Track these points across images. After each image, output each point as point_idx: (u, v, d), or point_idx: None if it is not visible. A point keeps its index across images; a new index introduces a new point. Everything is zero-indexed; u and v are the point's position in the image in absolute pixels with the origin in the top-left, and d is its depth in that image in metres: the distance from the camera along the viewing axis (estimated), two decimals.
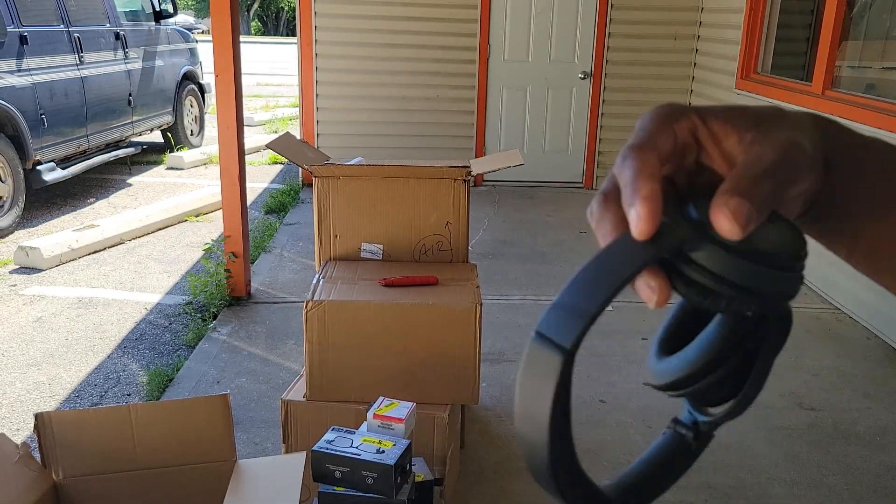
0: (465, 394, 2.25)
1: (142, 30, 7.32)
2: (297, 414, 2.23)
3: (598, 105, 6.53)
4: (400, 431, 1.78)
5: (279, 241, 5.07)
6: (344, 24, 6.22)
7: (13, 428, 2.90)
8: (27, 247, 4.59)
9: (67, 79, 5.93)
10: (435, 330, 2.17)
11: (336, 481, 1.69)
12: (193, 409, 1.67)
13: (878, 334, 3.79)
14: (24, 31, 5.46)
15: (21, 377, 3.29)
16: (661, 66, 6.43)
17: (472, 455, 2.68)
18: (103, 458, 1.65)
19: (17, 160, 5.32)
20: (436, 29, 6.29)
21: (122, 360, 3.49)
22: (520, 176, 6.66)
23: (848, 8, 4.35)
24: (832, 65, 4.37)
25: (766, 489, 2.54)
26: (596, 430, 2.86)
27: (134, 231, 5.25)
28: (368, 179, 2.45)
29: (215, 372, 3.25)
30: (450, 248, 2.50)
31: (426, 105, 6.46)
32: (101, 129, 6.49)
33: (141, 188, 6.74)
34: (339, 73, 6.33)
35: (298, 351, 3.43)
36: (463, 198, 2.45)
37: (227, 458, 1.68)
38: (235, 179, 3.84)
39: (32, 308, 4.01)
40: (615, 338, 3.64)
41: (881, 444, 2.84)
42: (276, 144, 2.61)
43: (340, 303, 2.16)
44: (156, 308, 4.07)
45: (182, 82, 8.06)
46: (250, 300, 4.03)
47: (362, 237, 2.49)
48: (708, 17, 6.18)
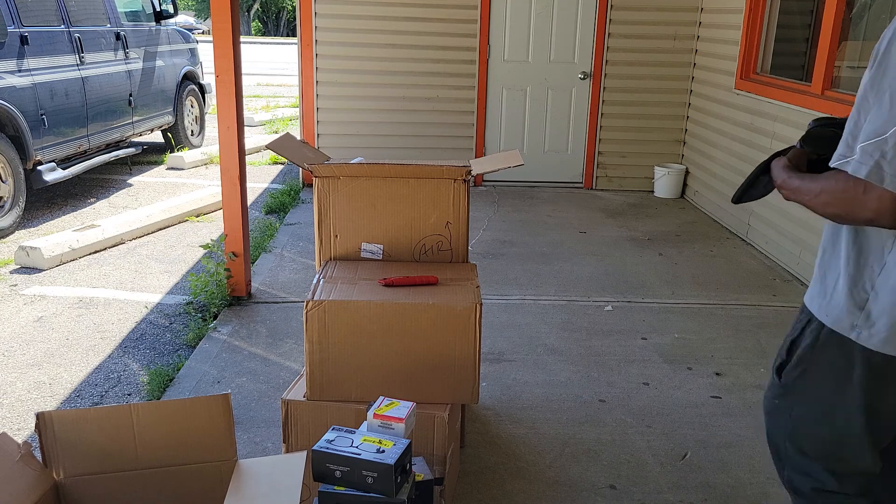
0: (465, 393, 2.25)
1: (142, 30, 7.32)
2: (297, 413, 2.24)
3: (598, 105, 6.53)
4: (400, 431, 1.79)
5: (279, 241, 5.07)
6: (344, 24, 6.22)
7: (14, 427, 2.91)
8: (28, 247, 4.60)
9: (68, 79, 5.93)
10: (435, 330, 2.18)
11: (336, 481, 1.69)
12: (194, 408, 1.68)
13: None
14: (24, 32, 5.46)
15: (22, 377, 3.29)
16: (661, 66, 6.43)
17: (472, 455, 2.68)
18: (104, 458, 1.65)
19: (17, 160, 5.32)
20: (436, 29, 6.30)
21: (122, 359, 3.49)
22: (520, 176, 6.67)
23: (847, 8, 4.36)
24: (832, 65, 4.37)
25: (765, 489, 2.55)
26: (596, 430, 2.86)
27: (134, 231, 5.25)
28: (368, 179, 2.46)
29: (216, 371, 3.25)
30: (450, 248, 2.51)
31: (426, 105, 6.46)
32: (102, 129, 6.49)
33: (141, 188, 6.74)
34: (339, 73, 6.33)
35: (299, 350, 3.43)
36: (463, 198, 2.45)
37: (227, 458, 1.69)
38: (236, 179, 3.85)
39: (33, 308, 4.02)
40: (615, 338, 3.65)
41: None
42: (276, 145, 2.62)
43: (341, 302, 2.16)
44: (156, 308, 4.07)
45: (182, 83, 8.06)
46: (251, 300, 4.03)
47: (362, 237, 2.49)
48: (708, 17, 6.19)
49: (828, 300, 1.51)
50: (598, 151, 6.65)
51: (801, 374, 1.58)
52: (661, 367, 3.39)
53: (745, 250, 5.10)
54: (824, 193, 1.40)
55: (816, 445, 1.61)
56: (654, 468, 2.63)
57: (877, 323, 1.42)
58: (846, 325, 1.46)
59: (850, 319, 1.46)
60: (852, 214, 1.37)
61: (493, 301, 4.05)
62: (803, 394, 1.59)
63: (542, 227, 5.52)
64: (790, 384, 1.61)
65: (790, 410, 1.63)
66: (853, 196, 1.34)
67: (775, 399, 1.67)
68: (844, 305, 1.46)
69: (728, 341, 3.67)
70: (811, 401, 1.58)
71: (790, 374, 1.60)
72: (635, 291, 4.23)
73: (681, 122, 6.56)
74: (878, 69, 1.32)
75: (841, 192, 1.36)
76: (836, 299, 1.48)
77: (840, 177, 1.36)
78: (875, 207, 1.32)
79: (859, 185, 1.33)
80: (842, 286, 1.47)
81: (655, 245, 5.14)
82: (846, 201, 1.36)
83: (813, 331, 1.54)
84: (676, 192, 6.50)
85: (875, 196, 1.31)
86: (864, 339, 1.44)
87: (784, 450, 1.68)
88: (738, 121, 5.45)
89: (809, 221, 4.41)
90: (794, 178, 1.51)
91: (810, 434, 1.61)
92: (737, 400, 3.13)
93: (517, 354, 3.47)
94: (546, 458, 2.68)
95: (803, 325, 1.57)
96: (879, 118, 1.31)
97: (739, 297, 4.24)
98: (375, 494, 1.67)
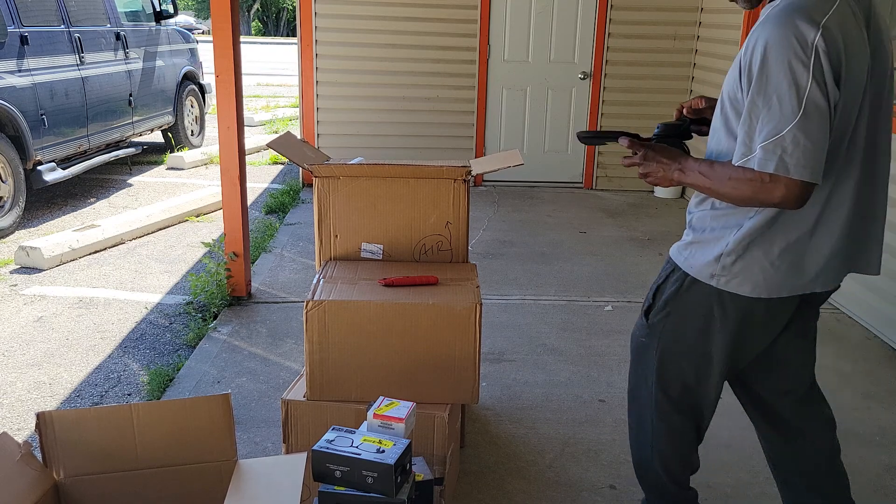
0: (465, 393, 2.25)
1: (142, 30, 7.32)
2: (297, 413, 2.24)
3: (598, 105, 6.53)
4: (400, 431, 1.79)
5: (279, 241, 5.07)
6: (344, 24, 6.22)
7: (14, 427, 2.91)
8: (28, 247, 4.60)
9: (68, 79, 5.93)
10: (435, 330, 2.18)
11: (336, 481, 1.69)
12: (194, 408, 1.68)
13: (877, 334, 3.79)
14: (24, 32, 5.46)
15: (22, 377, 3.29)
16: (660, 66, 6.43)
17: (472, 455, 2.68)
18: (104, 458, 1.65)
19: (17, 160, 5.32)
20: (436, 29, 6.30)
21: (122, 359, 3.49)
22: (520, 176, 6.67)
23: None
24: None
25: (765, 489, 2.55)
26: (596, 430, 2.86)
27: (134, 231, 5.25)
28: (368, 179, 2.46)
29: (216, 371, 3.25)
30: (450, 248, 2.51)
31: (426, 105, 6.46)
32: (102, 129, 6.49)
33: (141, 188, 6.75)
34: (339, 73, 6.33)
35: (299, 350, 3.43)
36: (463, 198, 2.45)
37: (227, 458, 1.69)
38: (236, 179, 3.84)
39: (33, 308, 4.02)
40: (615, 338, 3.65)
41: (881, 444, 2.84)
42: (276, 144, 2.62)
43: (341, 302, 2.16)
44: (156, 308, 4.08)
45: (182, 82, 8.07)
46: (251, 300, 4.04)
47: (362, 237, 2.49)
48: (708, 17, 6.19)
49: (691, 252, 1.80)
50: (598, 151, 6.65)
51: (666, 315, 1.87)
52: None
53: None
54: (732, 181, 1.62)
55: (677, 383, 1.92)
56: None
57: (732, 270, 1.73)
58: (706, 274, 1.76)
59: (709, 269, 1.75)
60: (759, 199, 1.60)
61: (493, 301, 4.05)
62: (668, 332, 1.88)
63: (542, 226, 5.52)
64: (656, 324, 1.89)
65: (656, 346, 1.91)
66: (760, 186, 1.58)
67: (643, 338, 1.95)
68: (705, 258, 1.76)
69: None
70: (675, 339, 1.88)
71: (656, 315, 1.89)
72: (635, 291, 4.23)
73: None
74: (761, 79, 1.56)
75: (749, 181, 1.59)
76: (699, 252, 1.78)
77: (748, 168, 1.60)
78: (782, 194, 1.56)
79: (765, 177, 1.57)
80: (704, 245, 1.77)
81: (655, 245, 5.14)
82: (754, 189, 1.59)
83: (677, 279, 1.83)
84: (676, 192, 6.50)
85: (781, 185, 1.56)
86: (722, 284, 1.74)
87: (648, 399, 1.98)
88: None
89: None
90: (698, 163, 1.72)
91: (673, 369, 1.91)
92: (736, 400, 3.12)
93: (517, 354, 3.47)
94: (546, 458, 2.68)
95: (668, 273, 1.87)
96: (773, 120, 1.55)
97: None
98: (375, 494, 1.67)
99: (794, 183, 1.55)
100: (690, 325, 1.84)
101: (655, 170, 1.78)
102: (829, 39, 1.53)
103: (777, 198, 1.57)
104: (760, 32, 1.58)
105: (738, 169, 1.61)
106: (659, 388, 1.95)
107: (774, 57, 1.54)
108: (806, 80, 1.52)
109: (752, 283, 1.72)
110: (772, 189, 1.56)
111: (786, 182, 1.55)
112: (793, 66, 1.52)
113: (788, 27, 1.54)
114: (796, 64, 1.52)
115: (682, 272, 1.81)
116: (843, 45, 1.56)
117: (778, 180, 1.55)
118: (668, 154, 1.78)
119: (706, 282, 1.76)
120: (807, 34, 1.53)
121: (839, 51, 1.55)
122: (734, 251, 1.71)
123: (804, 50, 1.52)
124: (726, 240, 1.72)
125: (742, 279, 1.72)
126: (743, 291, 1.73)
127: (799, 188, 1.55)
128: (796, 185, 1.55)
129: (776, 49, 1.54)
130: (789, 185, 1.55)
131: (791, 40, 1.53)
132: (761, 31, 1.58)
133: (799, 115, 1.53)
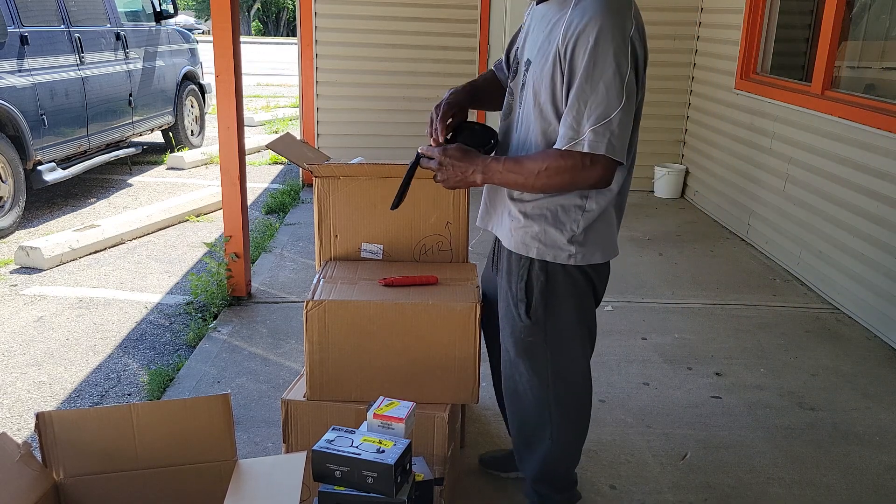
0: (465, 393, 2.25)
1: (142, 30, 7.32)
2: (297, 413, 2.24)
3: None
4: (400, 431, 1.79)
5: (279, 241, 5.07)
6: (344, 24, 6.22)
7: (14, 427, 2.91)
8: (28, 247, 4.60)
9: (68, 79, 5.93)
10: (435, 329, 2.18)
11: (336, 481, 1.69)
12: (194, 408, 1.68)
13: (877, 334, 3.79)
14: (24, 32, 5.46)
15: (22, 377, 3.29)
16: (661, 66, 6.42)
17: (472, 455, 2.68)
18: (104, 458, 1.65)
19: (17, 160, 5.32)
20: (436, 29, 6.30)
21: (122, 359, 3.49)
22: None
23: (847, 8, 4.36)
24: (832, 65, 4.37)
25: (765, 489, 2.55)
26: (596, 430, 2.86)
27: (134, 231, 5.25)
28: (368, 179, 2.45)
29: (216, 371, 3.25)
30: (450, 248, 2.51)
31: (426, 105, 6.43)
32: (102, 129, 6.49)
33: (141, 188, 6.75)
34: (339, 73, 6.33)
35: (299, 350, 3.43)
36: (463, 198, 2.45)
37: (227, 458, 1.69)
38: (236, 179, 3.84)
39: (33, 308, 4.02)
40: (615, 338, 3.65)
41: (881, 444, 2.84)
42: (276, 144, 2.62)
43: (341, 302, 2.16)
44: (156, 308, 4.08)
45: (182, 82, 8.06)
46: (251, 300, 4.03)
47: (362, 237, 2.49)
48: (708, 17, 6.19)
49: (542, 244, 1.90)
50: None
51: (545, 306, 1.96)
52: (661, 367, 3.39)
53: (745, 250, 5.10)
54: (548, 171, 1.74)
55: (574, 366, 2.04)
56: (654, 468, 2.63)
57: (584, 246, 1.89)
58: (564, 256, 1.90)
59: (566, 251, 1.89)
60: (576, 184, 1.76)
61: None
62: (552, 321, 1.97)
63: None
64: (541, 317, 1.97)
65: (544, 339, 1.99)
66: (581, 170, 1.72)
67: (529, 337, 2.00)
68: (558, 243, 1.88)
69: (728, 341, 3.67)
70: (559, 322, 1.97)
71: (537, 310, 1.96)
72: (635, 291, 4.23)
73: (681, 123, 6.56)
74: (589, 65, 1.67)
75: (570, 167, 1.73)
76: (551, 241, 1.89)
77: (566, 154, 1.72)
78: (600, 175, 1.74)
79: (587, 159, 1.71)
80: (553, 231, 1.88)
81: (655, 245, 5.14)
82: (574, 174, 1.73)
83: (541, 269, 1.93)
84: (676, 192, 6.50)
85: (601, 166, 1.72)
86: (580, 259, 1.90)
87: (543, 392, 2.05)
88: (738, 121, 5.45)
89: (810, 222, 4.41)
90: (501, 162, 1.81)
91: (568, 353, 2.01)
92: (737, 400, 3.13)
93: None
94: None
95: (527, 269, 1.95)
96: (601, 105, 1.68)
97: (739, 297, 4.24)
98: (375, 494, 1.67)
99: (612, 163, 1.73)
100: (567, 306, 1.96)
101: (452, 174, 1.85)
102: (638, 31, 1.73)
103: (594, 178, 1.74)
104: (581, 20, 1.68)
105: (552, 158, 1.74)
106: (557, 378, 2.04)
107: (603, 46, 1.67)
108: (626, 69, 1.68)
109: (601, 251, 1.92)
110: (591, 171, 1.72)
111: (604, 162, 1.72)
112: (617, 55, 1.67)
113: (615, 18, 1.68)
114: (620, 53, 1.68)
115: (542, 262, 1.92)
116: (644, 37, 1.77)
117: (598, 161, 1.71)
118: (466, 157, 1.84)
119: (566, 263, 1.90)
120: (626, 26, 1.69)
121: (644, 43, 1.76)
122: (583, 229, 1.88)
123: (624, 41, 1.69)
124: (572, 220, 1.87)
125: (593, 249, 1.91)
126: (596, 260, 1.92)
127: (613, 167, 1.74)
128: (612, 164, 1.73)
129: (604, 39, 1.67)
130: (607, 165, 1.73)
131: (615, 31, 1.67)
132: (580, 19, 1.68)
133: (623, 101, 1.69)
